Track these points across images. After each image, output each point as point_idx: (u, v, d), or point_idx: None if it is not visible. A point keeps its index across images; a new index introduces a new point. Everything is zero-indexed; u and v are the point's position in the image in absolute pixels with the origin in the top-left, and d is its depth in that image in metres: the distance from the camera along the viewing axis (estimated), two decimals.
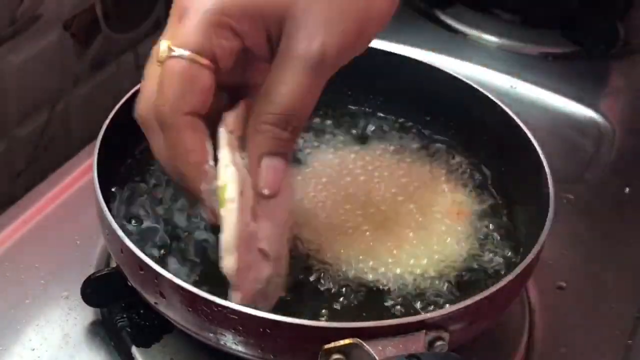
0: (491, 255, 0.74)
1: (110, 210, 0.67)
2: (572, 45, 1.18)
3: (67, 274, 0.77)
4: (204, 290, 0.60)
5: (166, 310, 0.64)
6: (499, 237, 0.76)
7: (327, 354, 0.58)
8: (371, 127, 0.87)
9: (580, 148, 1.03)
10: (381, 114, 0.89)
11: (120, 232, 0.64)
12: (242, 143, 0.61)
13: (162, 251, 0.71)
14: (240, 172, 0.59)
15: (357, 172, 0.81)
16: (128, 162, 0.78)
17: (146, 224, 0.74)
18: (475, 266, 0.73)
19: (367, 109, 0.89)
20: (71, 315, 0.74)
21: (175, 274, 0.61)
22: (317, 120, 0.87)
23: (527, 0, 1.23)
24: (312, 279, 0.70)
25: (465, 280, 0.72)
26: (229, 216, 0.58)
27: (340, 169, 0.81)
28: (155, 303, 0.65)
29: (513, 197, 0.79)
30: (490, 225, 0.77)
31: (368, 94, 0.89)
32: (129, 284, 0.67)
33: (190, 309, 0.61)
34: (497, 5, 1.22)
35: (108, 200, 0.73)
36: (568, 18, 1.21)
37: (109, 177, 0.75)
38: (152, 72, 0.60)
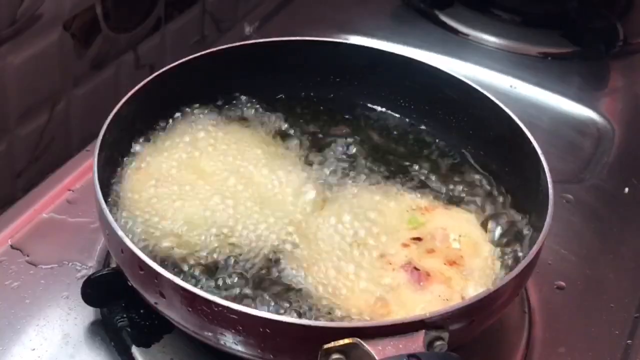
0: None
1: (110, 210, 0.67)
2: (572, 45, 1.19)
3: (67, 274, 0.77)
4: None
5: (166, 310, 0.64)
6: (498, 237, 0.76)
7: (326, 353, 0.58)
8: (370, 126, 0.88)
9: (579, 148, 1.03)
10: (381, 113, 0.89)
11: (120, 232, 0.64)
12: None
13: None
14: None
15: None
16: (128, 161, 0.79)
17: None
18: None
19: (366, 109, 0.89)
20: (71, 315, 0.74)
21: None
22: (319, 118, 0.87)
23: (527, 0, 1.23)
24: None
25: None
26: None
27: None
28: (155, 303, 0.65)
29: (512, 197, 0.79)
30: (489, 224, 0.77)
31: (368, 93, 0.89)
32: (129, 284, 0.67)
33: (190, 309, 0.61)
34: (497, 5, 1.22)
35: (108, 200, 0.73)
36: (568, 18, 1.21)
37: (109, 177, 0.76)
38: None
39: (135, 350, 0.71)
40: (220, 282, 0.69)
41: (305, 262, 0.71)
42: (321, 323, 0.64)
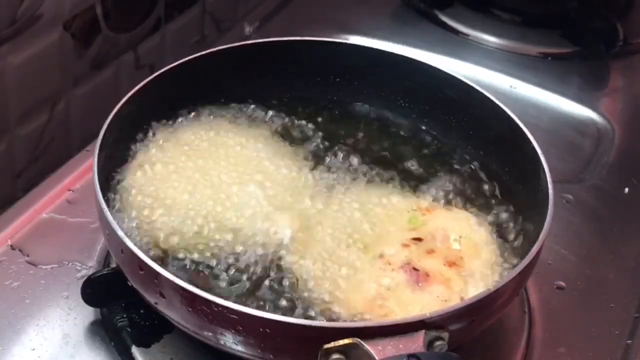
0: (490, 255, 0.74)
1: (110, 210, 0.67)
2: (572, 45, 1.19)
3: (67, 274, 0.77)
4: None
5: (166, 310, 0.64)
6: (498, 237, 0.76)
7: (326, 353, 0.58)
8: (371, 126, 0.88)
9: (579, 148, 1.03)
10: (381, 113, 0.89)
11: (120, 232, 0.64)
12: None
13: None
14: None
15: None
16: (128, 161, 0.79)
17: None
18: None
19: (366, 109, 0.89)
20: (71, 315, 0.74)
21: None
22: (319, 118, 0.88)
23: (527, 0, 1.23)
24: None
25: None
26: None
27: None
28: (155, 303, 0.65)
29: (512, 197, 0.79)
30: (490, 225, 0.77)
31: (368, 93, 0.89)
32: (129, 284, 0.67)
33: (190, 309, 0.61)
34: (497, 5, 1.22)
35: (108, 200, 0.73)
36: (568, 18, 1.21)
37: (109, 177, 0.76)
38: None
39: (135, 350, 0.71)
40: (220, 281, 0.69)
41: (305, 262, 0.71)
42: (321, 323, 0.64)
